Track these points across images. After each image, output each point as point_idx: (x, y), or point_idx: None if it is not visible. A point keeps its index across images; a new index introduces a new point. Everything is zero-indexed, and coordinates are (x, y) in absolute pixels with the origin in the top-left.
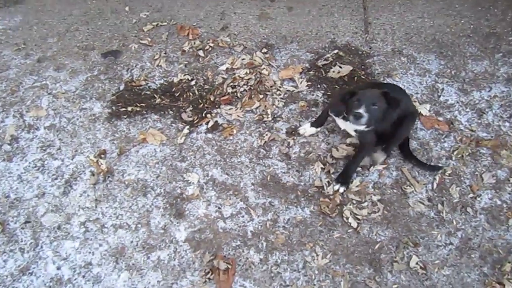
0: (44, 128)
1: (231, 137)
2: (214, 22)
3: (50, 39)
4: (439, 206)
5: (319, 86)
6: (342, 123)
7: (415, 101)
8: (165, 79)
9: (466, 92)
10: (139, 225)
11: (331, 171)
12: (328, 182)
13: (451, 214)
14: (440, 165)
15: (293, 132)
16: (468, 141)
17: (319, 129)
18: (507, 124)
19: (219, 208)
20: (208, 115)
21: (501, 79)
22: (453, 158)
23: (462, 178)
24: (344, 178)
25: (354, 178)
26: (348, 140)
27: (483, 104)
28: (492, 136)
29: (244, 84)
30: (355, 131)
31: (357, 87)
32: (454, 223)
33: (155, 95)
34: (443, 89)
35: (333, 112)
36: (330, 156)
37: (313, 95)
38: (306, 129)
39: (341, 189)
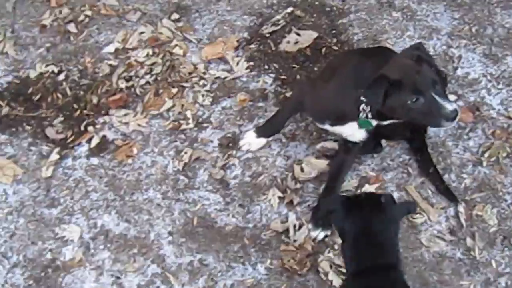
0: None
1: (130, 161)
2: None
3: None
4: (468, 240)
5: (266, 67)
6: (344, 130)
7: None
8: (15, 74)
9: (496, 59)
10: None
11: (296, 202)
12: (295, 223)
13: (487, 251)
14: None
15: (230, 144)
16: (505, 134)
17: (270, 138)
18: None
19: (117, 278)
20: (90, 128)
21: None
22: (484, 164)
23: (500, 194)
24: (324, 218)
25: None
26: (319, 146)
27: None
28: None
29: (145, 73)
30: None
31: (334, 62)
32: (494, 265)
33: (0, 102)
34: (460, 56)
35: (329, 122)
36: (291, 177)
37: (258, 82)
38: (251, 141)
39: (321, 235)
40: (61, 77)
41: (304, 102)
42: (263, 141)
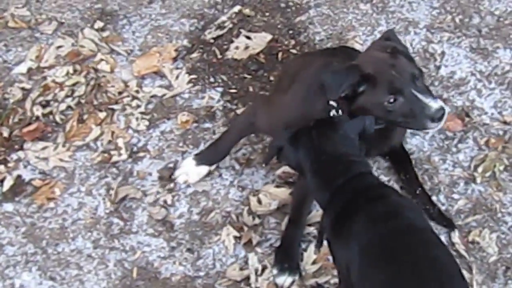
0: None
1: (52, 205)
2: None
3: None
4: (464, 273)
5: (212, 79)
6: None
7: None
8: None
9: (485, 54)
10: None
11: (255, 241)
12: (256, 267)
13: (488, 285)
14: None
15: (171, 177)
16: (500, 143)
17: (213, 167)
18: None
19: None
20: (1, 167)
21: None
22: (478, 180)
23: (499, 215)
24: (289, 259)
25: (303, 251)
26: (280, 171)
27: None
28: None
29: (66, 96)
30: None
31: (290, 68)
32: None
33: None
34: (443, 52)
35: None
36: (248, 212)
37: (202, 98)
38: (189, 171)
39: (289, 281)
40: None
41: (256, 121)
42: (204, 170)
